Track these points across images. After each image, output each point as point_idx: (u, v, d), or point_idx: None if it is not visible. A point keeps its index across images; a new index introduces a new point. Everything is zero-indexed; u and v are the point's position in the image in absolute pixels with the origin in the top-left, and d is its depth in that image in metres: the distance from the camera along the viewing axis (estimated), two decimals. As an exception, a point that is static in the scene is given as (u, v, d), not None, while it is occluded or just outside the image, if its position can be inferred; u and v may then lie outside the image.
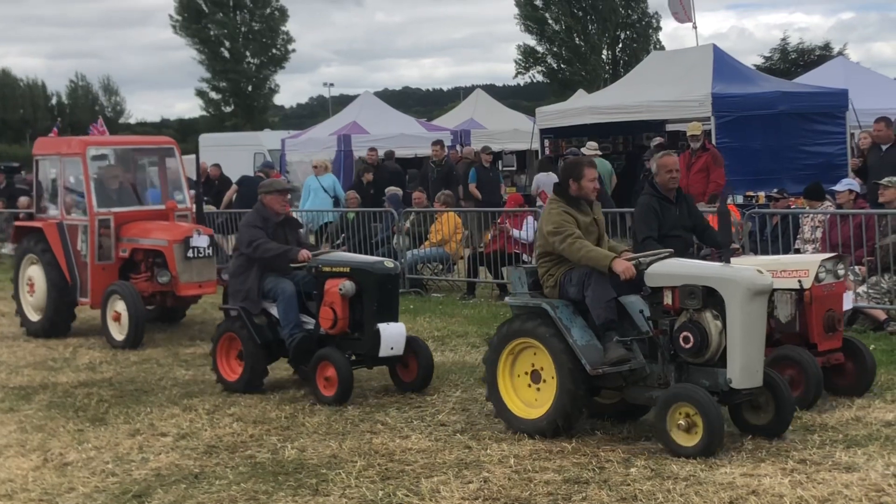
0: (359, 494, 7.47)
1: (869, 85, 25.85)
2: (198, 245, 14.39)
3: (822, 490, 7.06)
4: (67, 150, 15.15)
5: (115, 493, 7.80)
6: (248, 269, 11.06)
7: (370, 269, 10.62)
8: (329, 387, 10.24)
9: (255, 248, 10.96)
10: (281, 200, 11.48)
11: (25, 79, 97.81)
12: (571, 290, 8.77)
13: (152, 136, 24.72)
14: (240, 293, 11.04)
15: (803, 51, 60.61)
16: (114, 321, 14.06)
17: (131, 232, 14.72)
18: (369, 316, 10.49)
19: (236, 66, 77.79)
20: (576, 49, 71.56)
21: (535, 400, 8.81)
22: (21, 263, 15.47)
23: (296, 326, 10.80)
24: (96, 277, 14.62)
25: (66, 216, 14.96)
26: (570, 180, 9.12)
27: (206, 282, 14.59)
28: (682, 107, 22.22)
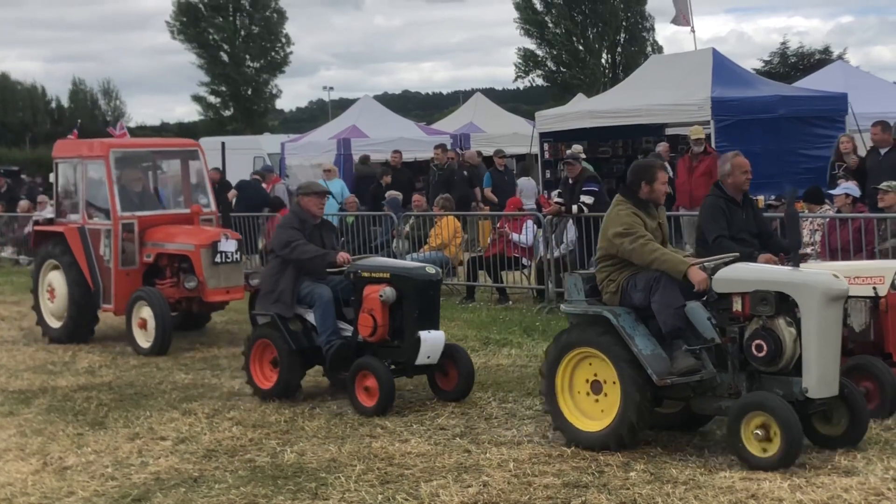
0: (358, 498, 7.48)
1: (868, 89, 25.82)
2: (226, 250, 14.06)
3: (822, 494, 7.07)
4: (89, 152, 14.76)
5: (115, 496, 7.80)
6: (281, 272, 10.77)
7: (411, 274, 10.38)
8: (369, 397, 9.93)
9: (293, 249, 10.71)
10: (318, 202, 11.23)
11: (24, 82, 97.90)
12: (636, 296, 8.42)
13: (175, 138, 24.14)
14: (272, 296, 10.76)
15: (803, 55, 60.64)
16: (139, 328, 13.73)
17: (156, 236, 14.40)
18: (410, 323, 10.19)
19: (236, 70, 77.77)
20: (575, 53, 71.60)
21: (598, 412, 8.43)
22: (41, 269, 15.08)
23: (333, 333, 10.52)
24: (120, 283, 14.26)
25: (88, 220, 14.59)
26: (641, 182, 8.79)
27: (234, 287, 14.28)
28: (682, 111, 22.20)
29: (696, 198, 17.15)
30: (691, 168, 17.50)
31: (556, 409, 8.59)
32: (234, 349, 13.74)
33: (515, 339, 13.41)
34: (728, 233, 9.84)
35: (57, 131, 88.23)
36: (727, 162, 10.36)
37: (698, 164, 17.39)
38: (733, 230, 9.88)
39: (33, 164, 56.92)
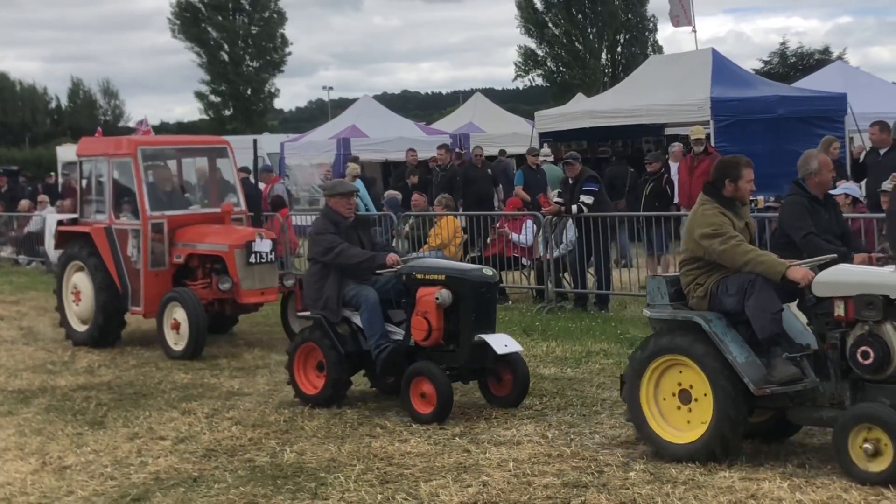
0: (357, 498, 7.47)
1: (867, 89, 25.86)
2: (261, 250, 13.68)
3: (822, 494, 7.06)
4: (117, 150, 14.31)
5: (114, 496, 7.79)
6: (324, 277, 10.37)
7: (468, 276, 9.95)
8: (426, 403, 9.54)
9: (337, 255, 10.28)
10: (346, 203, 10.80)
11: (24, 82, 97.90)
12: (728, 301, 7.95)
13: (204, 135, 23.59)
14: (318, 302, 10.36)
15: (802, 55, 60.65)
16: (172, 330, 13.31)
17: (186, 236, 14.01)
18: (466, 327, 9.77)
19: (236, 70, 77.77)
20: (575, 53, 71.59)
21: (686, 423, 8.00)
22: (65, 270, 14.67)
23: (382, 337, 10.12)
24: (149, 285, 13.86)
25: (115, 220, 14.15)
26: (726, 180, 8.36)
27: (269, 289, 13.88)
28: (681, 111, 22.26)
29: (694, 198, 17.11)
30: (692, 168, 17.49)
31: (641, 420, 8.15)
32: (233, 349, 13.77)
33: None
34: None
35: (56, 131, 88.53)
36: (813, 159, 9.50)
37: (698, 165, 17.39)
38: (817, 230, 9.20)
39: (33, 164, 56.91)
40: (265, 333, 15.12)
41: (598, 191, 16.05)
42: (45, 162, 57.75)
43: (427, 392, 9.55)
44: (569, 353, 12.48)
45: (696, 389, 7.93)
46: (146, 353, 13.71)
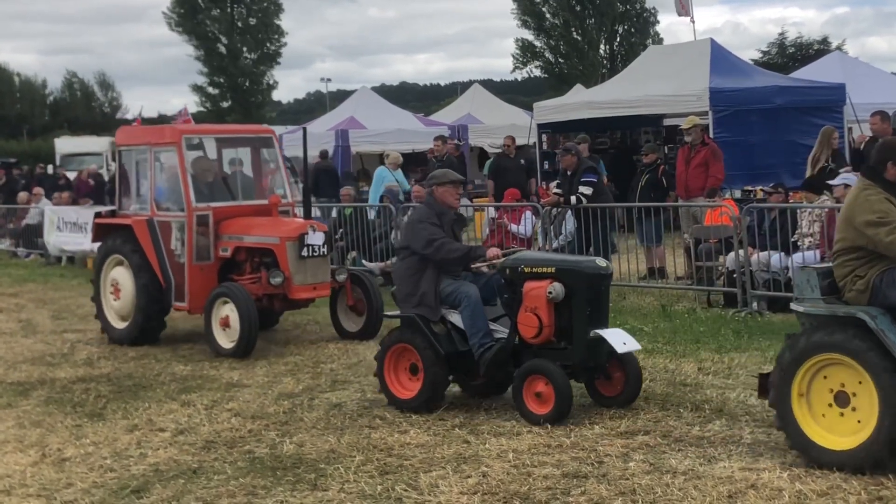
0: (357, 489, 7.47)
1: (866, 79, 25.88)
2: (313, 243, 13.09)
3: (821, 484, 7.06)
4: (159, 139, 13.73)
5: (114, 488, 7.79)
6: (420, 271, 9.76)
7: (581, 268, 9.38)
8: (541, 403, 8.97)
9: (437, 248, 9.66)
10: (455, 192, 10.20)
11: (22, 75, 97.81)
12: (894, 295, 7.33)
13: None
14: (412, 298, 9.74)
15: (801, 45, 60.65)
16: (221, 327, 12.69)
17: (232, 229, 13.40)
18: (580, 322, 9.20)
19: (233, 62, 77.71)
20: (573, 44, 71.55)
21: (845, 427, 7.39)
22: (103, 265, 14.08)
23: (486, 335, 9.52)
24: (194, 279, 13.29)
25: (157, 212, 13.59)
26: (888, 163, 7.63)
27: (321, 283, 13.27)
28: (680, 101, 22.25)
29: (691, 189, 17.15)
30: (688, 159, 17.48)
31: (793, 424, 7.54)
32: (233, 341, 13.74)
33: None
34: None
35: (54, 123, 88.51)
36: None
37: (695, 156, 17.37)
38: None
39: (31, 157, 56.88)
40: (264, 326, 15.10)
41: (596, 181, 16.04)
42: (44, 154, 57.76)
43: (543, 392, 8.99)
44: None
45: (857, 392, 7.33)
46: (145, 345, 13.67)
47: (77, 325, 15.60)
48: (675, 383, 10.19)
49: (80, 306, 17.33)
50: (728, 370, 10.68)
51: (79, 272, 22.91)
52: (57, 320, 16.18)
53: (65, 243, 24.40)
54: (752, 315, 13.63)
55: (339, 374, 11.40)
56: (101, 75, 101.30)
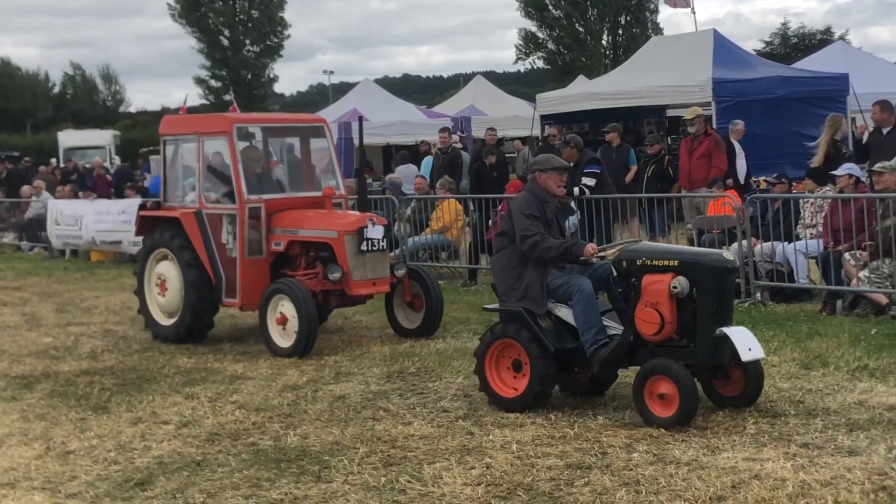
0: (361, 481, 7.48)
1: (869, 69, 25.86)
2: (373, 237, 12.52)
3: (825, 474, 7.06)
4: (208, 128, 13.28)
5: (118, 480, 7.80)
6: (524, 262, 9.24)
7: (707, 261, 8.80)
8: (665, 405, 8.40)
9: (532, 246, 9.11)
10: (558, 179, 9.59)
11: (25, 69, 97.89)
12: None
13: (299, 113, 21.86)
14: (515, 292, 9.22)
15: (804, 35, 60.58)
16: (278, 325, 12.18)
17: (285, 222, 12.90)
18: (705, 319, 8.60)
19: (236, 55, 77.76)
20: (576, 34, 71.53)
21: None
22: (148, 259, 13.58)
23: (600, 331, 8.97)
24: (246, 275, 12.77)
25: (206, 205, 13.12)
26: None
27: (381, 279, 12.72)
28: (683, 92, 22.20)
29: (694, 179, 17.14)
30: (691, 150, 17.47)
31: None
32: (236, 332, 13.78)
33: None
34: None
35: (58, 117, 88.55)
36: None
37: (698, 146, 17.36)
38: None
39: (34, 150, 56.91)
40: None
41: (599, 173, 16.04)
42: (47, 148, 57.79)
43: (668, 392, 8.39)
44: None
45: None
46: (149, 337, 13.68)
47: (81, 318, 15.61)
48: (679, 374, 10.16)
49: (84, 299, 17.37)
50: (731, 361, 10.66)
51: (82, 265, 22.95)
52: (61, 313, 16.19)
53: (64, 237, 24.43)
54: (756, 305, 13.63)
55: (343, 365, 11.40)
56: (105, 68, 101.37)
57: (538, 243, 9.13)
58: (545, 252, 9.13)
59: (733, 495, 6.75)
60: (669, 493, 6.87)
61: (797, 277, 13.81)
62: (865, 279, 12.73)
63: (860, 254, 12.92)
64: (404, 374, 10.84)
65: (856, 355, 10.57)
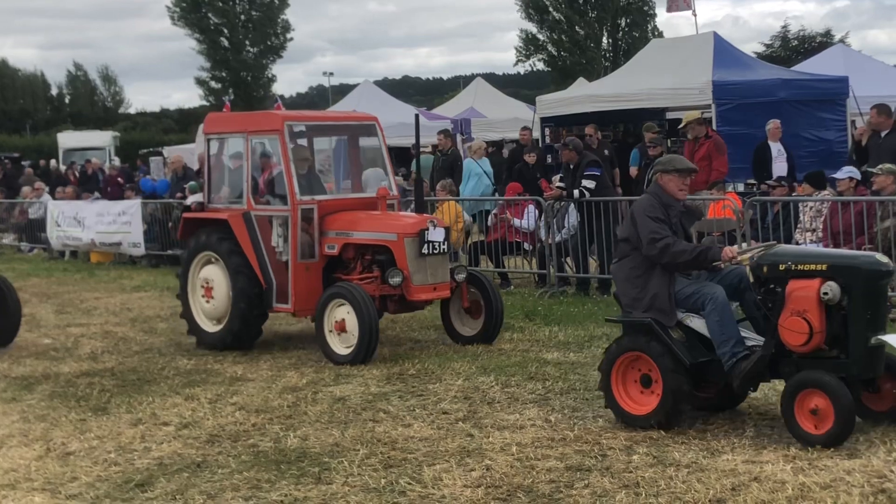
0: (361, 482, 7.48)
1: (868, 72, 25.84)
2: (434, 239, 12.01)
3: (825, 476, 7.07)
4: (258, 126, 12.90)
5: (118, 482, 7.81)
6: (649, 268, 8.61)
7: (860, 264, 8.09)
8: (819, 423, 7.79)
9: (662, 250, 8.46)
10: (681, 183, 8.91)
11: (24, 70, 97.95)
12: None
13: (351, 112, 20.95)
14: (641, 302, 8.58)
15: (804, 38, 60.61)
16: (336, 332, 11.68)
17: (338, 224, 12.39)
18: (859, 327, 7.92)
19: (236, 56, 77.81)
20: (576, 37, 71.55)
21: None
22: (192, 263, 13.07)
23: (738, 343, 8.32)
24: (298, 279, 12.28)
25: (255, 206, 12.62)
26: None
27: (441, 284, 12.16)
28: (683, 94, 22.20)
29: (695, 182, 17.11)
30: (692, 153, 17.45)
31: None
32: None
33: (517, 324, 13.41)
34: None
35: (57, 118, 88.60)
36: None
37: (699, 149, 17.34)
38: None
39: (34, 152, 56.95)
40: (268, 319, 15.08)
41: (599, 175, 16.04)
42: (46, 149, 57.80)
43: (821, 407, 7.78)
44: (571, 338, 12.49)
45: None
46: (149, 339, 13.71)
47: (80, 319, 15.62)
48: (679, 376, 10.17)
49: (84, 300, 17.38)
50: (731, 363, 10.66)
51: (82, 266, 22.97)
52: (61, 315, 16.20)
53: (64, 238, 24.43)
54: (756, 308, 13.61)
55: (343, 367, 11.40)
56: (104, 69, 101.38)
57: (669, 247, 8.49)
58: (677, 256, 8.49)
59: (733, 497, 6.76)
60: (669, 496, 6.88)
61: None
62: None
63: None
64: (404, 376, 10.84)
65: (855, 358, 10.55)
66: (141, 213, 22.61)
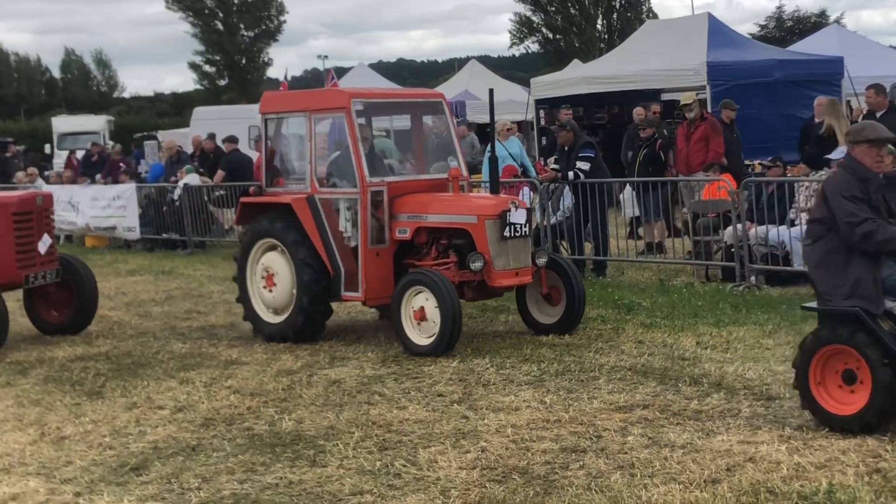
0: (356, 465, 7.48)
1: (863, 52, 25.84)
2: (516, 221, 11.27)
3: (819, 456, 7.07)
4: (321, 104, 12.21)
5: (113, 466, 7.80)
6: (848, 252, 7.69)
7: None
8: None
9: (864, 237, 7.53)
10: (875, 154, 7.89)
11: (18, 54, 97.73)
12: None
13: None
14: (841, 289, 7.66)
15: (799, 18, 60.55)
16: (414, 321, 11.00)
17: (409, 207, 11.71)
18: None
19: (230, 39, 77.64)
20: (570, 18, 71.44)
21: None
22: (251, 251, 12.38)
23: None
24: (369, 266, 11.65)
25: (319, 189, 11.96)
26: None
27: (523, 269, 11.39)
28: (678, 76, 22.21)
29: (692, 165, 17.12)
30: (688, 134, 17.45)
31: None
32: (231, 318, 13.74)
33: (512, 306, 13.38)
34: None
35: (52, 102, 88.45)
36: None
37: (694, 131, 17.33)
38: None
39: (28, 136, 56.88)
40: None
41: (594, 157, 16.00)
42: (41, 134, 57.73)
43: None
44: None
45: None
46: (144, 323, 13.70)
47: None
48: (674, 357, 10.20)
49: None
50: (726, 344, 10.69)
51: (77, 251, 22.89)
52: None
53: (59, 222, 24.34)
54: (750, 289, 13.63)
55: (338, 350, 11.40)
56: (98, 53, 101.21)
57: (872, 233, 7.55)
58: (883, 245, 7.58)
59: (728, 478, 6.76)
60: (664, 476, 6.88)
61: (792, 261, 13.81)
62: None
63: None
64: (399, 359, 10.83)
65: (850, 338, 10.56)
66: (136, 197, 22.59)
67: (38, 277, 12.76)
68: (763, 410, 8.27)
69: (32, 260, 12.74)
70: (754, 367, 9.58)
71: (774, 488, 6.52)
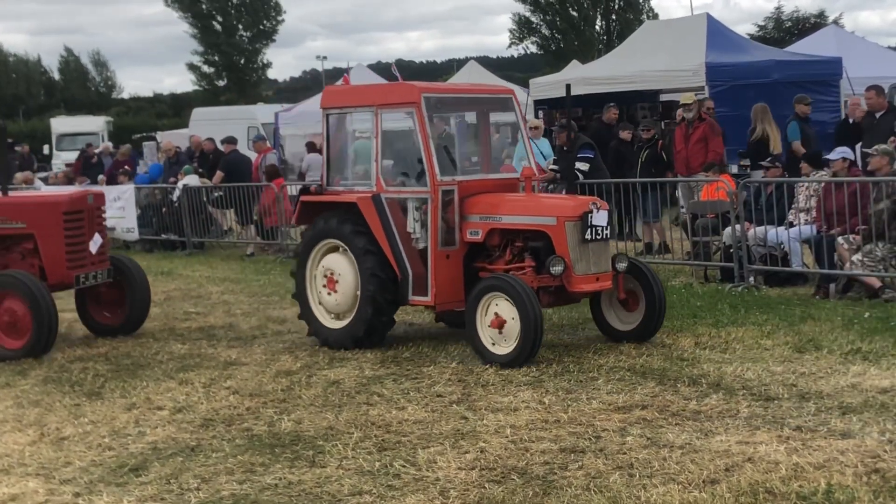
0: (356, 465, 7.48)
1: (860, 53, 25.82)
2: (598, 224, 10.75)
3: (818, 457, 7.08)
4: (390, 99, 11.69)
5: (112, 466, 7.80)
6: None
7: None
8: None
9: None
10: None
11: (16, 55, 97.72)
12: None
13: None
14: None
15: (797, 19, 60.56)
16: (490, 328, 10.43)
17: (480, 207, 11.21)
18: None
19: (228, 40, 77.65)
20: (570, 19, 71.45)
21: None
22: (311, 252, 11.90)
23: None
24: (439, 268, 11.17)
25: (386, 188, 11.48)
26: None
27: (604, 273, 10.88)
28: (676, 76, 22.21)
29: (692, 166, 17.14)
30: (687, 135, 17.47)
31: None
32: (230, 319, 13.76)
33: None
34: None
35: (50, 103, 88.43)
36: None
37: (693, 132, 17.36)
38: None
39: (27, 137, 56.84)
40: (262, 303, 15.10)
41: (593, 157, 16.02)
42: (40, 134, 57.71)
43: None
44: (565, 320, 12.50)
45: None
46: (144, 323, 13.68)
47: (74, 304, 15.54)
48: (673, 358, 10.21)
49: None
50: (725, 344, 10.70)
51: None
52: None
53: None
54: (749, 290, 13.65)
55: (337, 351, 11.39)
56: (96, 54, 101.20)
57: None
58: None
59: (726, 478, 6.77)
60: (663, 477, 6.88)
61: (791, 262, 13.83)
62: (858, 263, 12.74)
63: (853, 237, 12.93)
64: (398, 359, 10.84)
65: (849, 339, 10.60)
66: (135, 198, 22.60)
67: (89, 278, 12.64)
68: (762, 411, 8.28)
69: (83, 260, 12.63)
70: (753, 368, 9.59)
71: (773, 488, 6.52)
